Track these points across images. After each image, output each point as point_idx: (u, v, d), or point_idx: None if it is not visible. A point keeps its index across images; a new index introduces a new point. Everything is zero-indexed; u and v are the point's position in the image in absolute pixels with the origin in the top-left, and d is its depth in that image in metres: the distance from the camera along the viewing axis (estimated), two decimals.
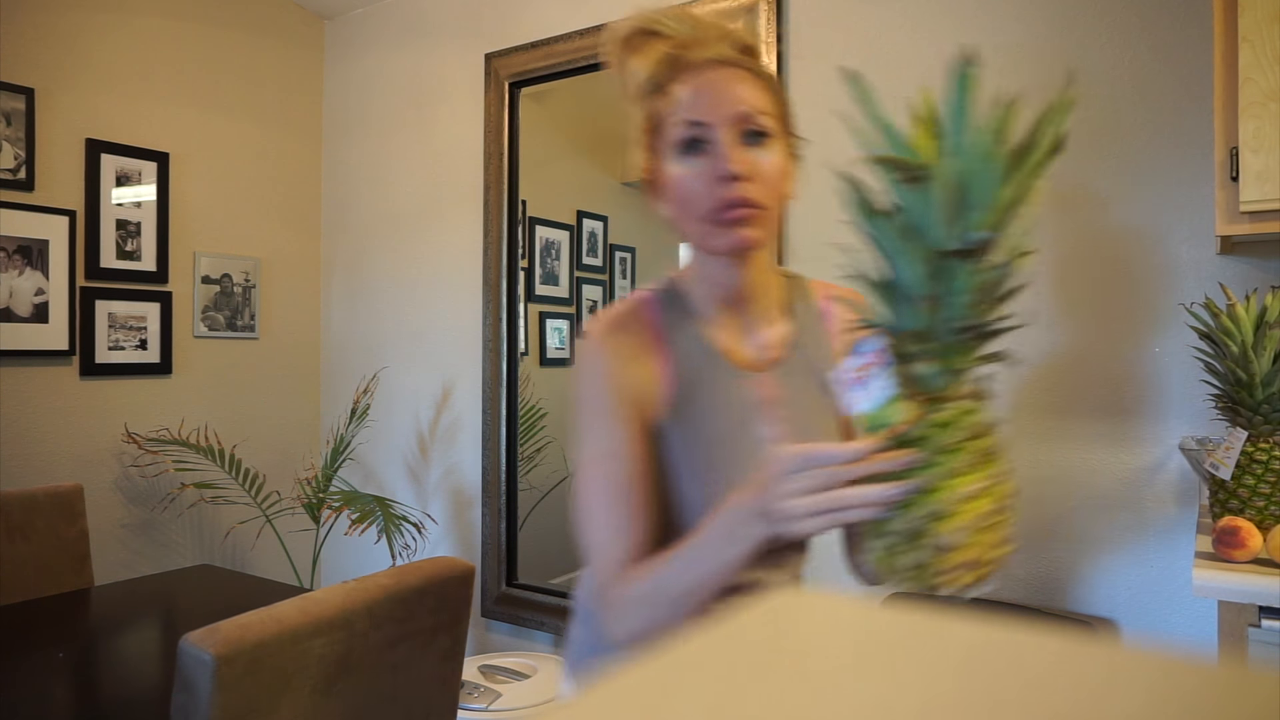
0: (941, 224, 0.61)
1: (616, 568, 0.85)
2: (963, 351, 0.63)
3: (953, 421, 0.62)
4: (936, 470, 0.61)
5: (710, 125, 0.87)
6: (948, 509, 0.61)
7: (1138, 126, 1.74)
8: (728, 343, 0.95)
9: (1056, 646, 0.20)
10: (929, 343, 0.63)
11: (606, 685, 0.19)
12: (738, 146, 0.87)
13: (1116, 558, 1.76)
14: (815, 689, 0.19)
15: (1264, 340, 1.29)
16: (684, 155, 0.88)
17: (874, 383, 0.65)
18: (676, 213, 0.91)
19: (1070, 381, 1.81)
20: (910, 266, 0.62)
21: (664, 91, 0.90)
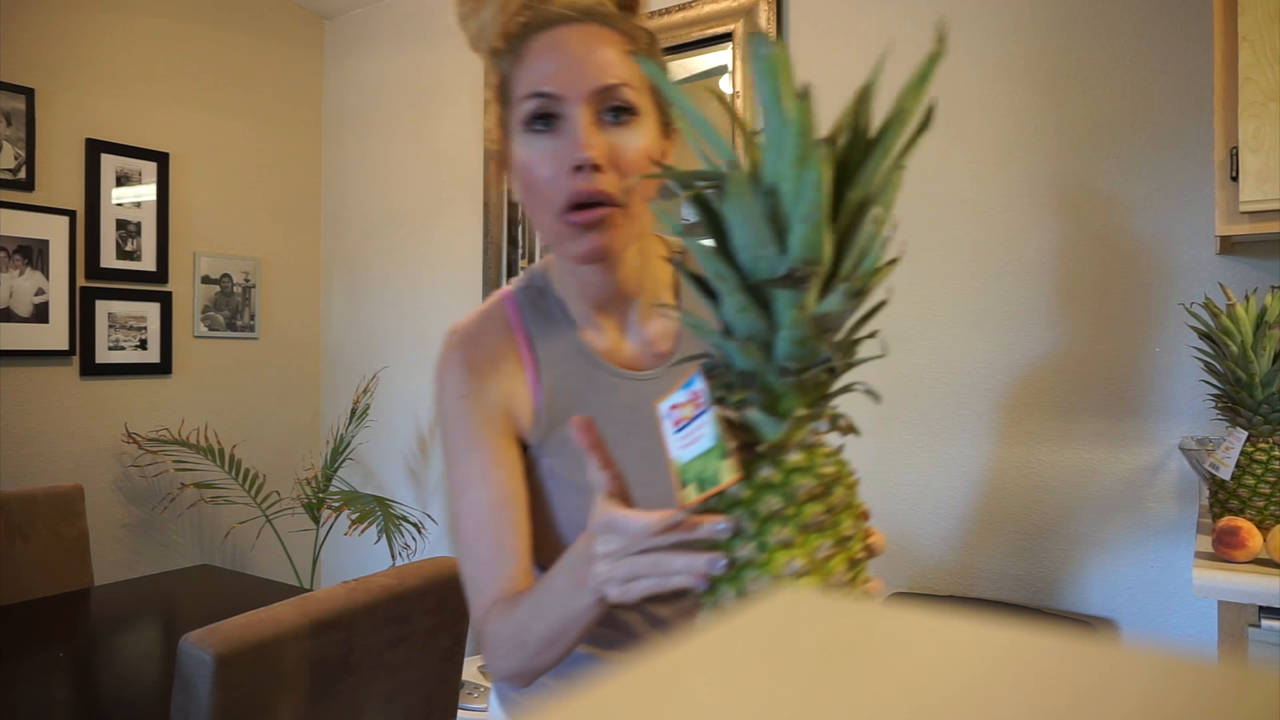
0: (754, 244, 0.49)
1: (488, 604, 0.76)
2: (798, 397, 0.52)
3: (783, 483, 0.52)
4: (761, 540, 0.52)
5: (562, 99, 0.73)
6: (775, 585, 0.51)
7: (1138, 127, 1.74)
8: (606, 342, 0.84)
9: (1056, 646, 0.20)
10: (758, 386, 0.52)
11: (605, 686, 0.19)
12: (595, 127, 0.74)
13: (1116, 558, 1.76)
14: (814, 689, 0.19)
15: (1264, 340, 1.29)
16: (532, 132, 0.75)
17: (692, 428, 0.55)
18: (525, 200, 0.78)
19: (1070, 381, 1.81)
20: (729, 298, 0.51)
21: (516, 51, 0.77)
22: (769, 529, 0.51)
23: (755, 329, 0.51)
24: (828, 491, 0.53)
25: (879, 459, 2.03)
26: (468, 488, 0.79)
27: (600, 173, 0.73)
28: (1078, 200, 1.80)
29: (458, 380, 0.81)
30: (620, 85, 0.74)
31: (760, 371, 0.52)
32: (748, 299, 0.50)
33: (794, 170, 0.48)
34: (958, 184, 1.93)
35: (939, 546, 1.95)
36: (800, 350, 0.51)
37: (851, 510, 0.54)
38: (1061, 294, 1.82)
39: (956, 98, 1.93)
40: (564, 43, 0.74)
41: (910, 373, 1.99)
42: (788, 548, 0.51)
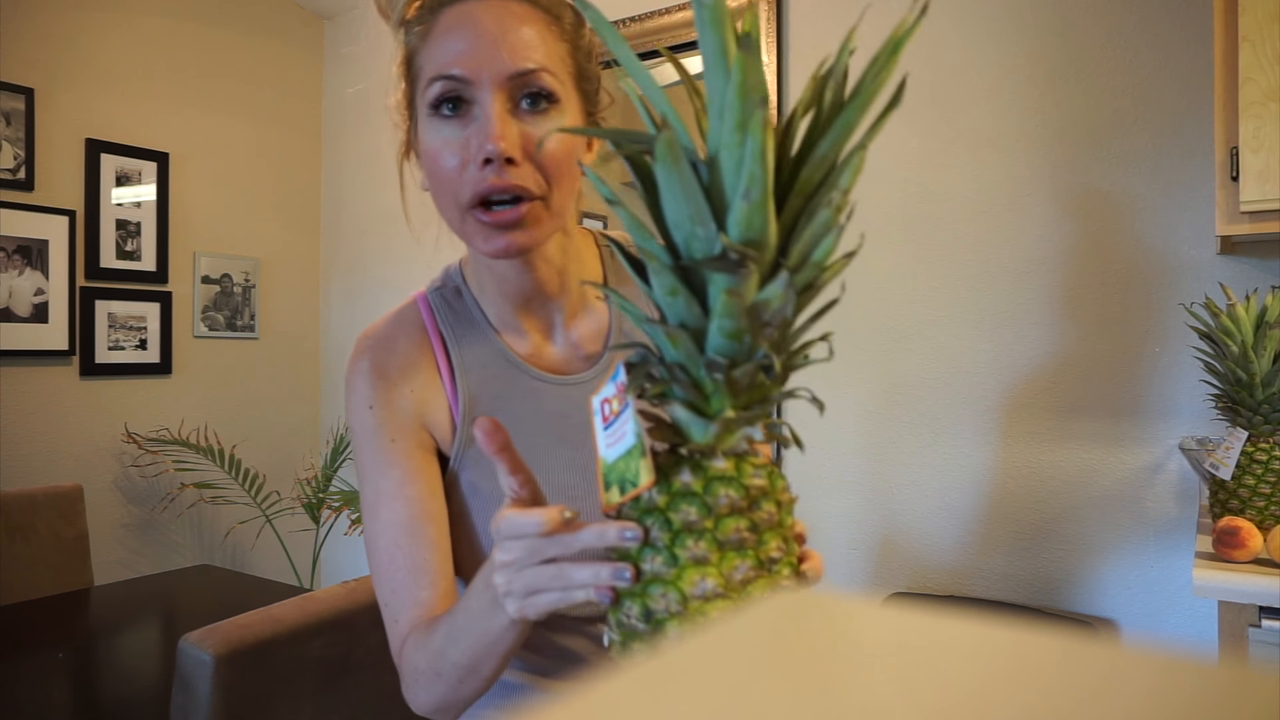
0: (689, 220, 0.43)
1: (405, 631, 0.70)
2: (728, 397, 0.46)
3: (703, 491, 0.46)
4: (672, 553, 0.46)
5: (473, 83, 0.66)
6: (674, 609, 0.46)
7: (1138, 126, 1.74)
8: (528, 346, 0.78)
9: (1057, 646, 0.20)
10: (686, 380, 0.46)
11: (604, 686, 0.19)
12: (508, 116, 0.66)
13: (1116, 558, 1.76)
14: (814, 689, 0.19)
15: (1264, 340, 1.29)
16: (440, 118, 0.68)
17: (618, 424, 0.50)
18: (433, 191, 0.72)
19: (1070, 381, 1.81)
20: (657, 277, 0.45)
21: (425, 24, 0.69)
22: (682, 541, 0.46)
23: (686, 315, 0.45)
24: (753, 506, 0.47)
25: (879, 459, 2.03)
26: (380, 506, 0.73)
27: (513, 166, 0.66)
28: (1078, 200, 1.80)
29: (366, 389, 0.74)
30: (538, 71, 0.67)
31: (689, 365, 0.46)
32: (678, 280, 0.44)
33: (735, 136, 0.42)
34: (958, 183, 1.93)
35: (939, 546, 1.95)
36: (733, 345, 0.45)
37: (780, 530, 0.48)
38: (1062, 294, 1.82)
39: (957, 97, 1.93)
40: (476, 19, 0.67)
41: (910, 372, 1.99)
42: (700, 565, 0.45)
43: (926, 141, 1.97)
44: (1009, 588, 1.87)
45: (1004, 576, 1.88)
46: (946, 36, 1.94)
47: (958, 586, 1.93)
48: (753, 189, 0.41)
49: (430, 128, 0.69)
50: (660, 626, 0.46)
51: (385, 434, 0.74)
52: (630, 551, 0.48)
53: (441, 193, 0.70)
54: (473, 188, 0.67)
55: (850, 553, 2.06)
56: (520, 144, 0.66)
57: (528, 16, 0.68)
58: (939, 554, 1.95)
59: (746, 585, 0.46)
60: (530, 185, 0.67)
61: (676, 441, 0.48)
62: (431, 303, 0.79)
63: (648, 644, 0.47)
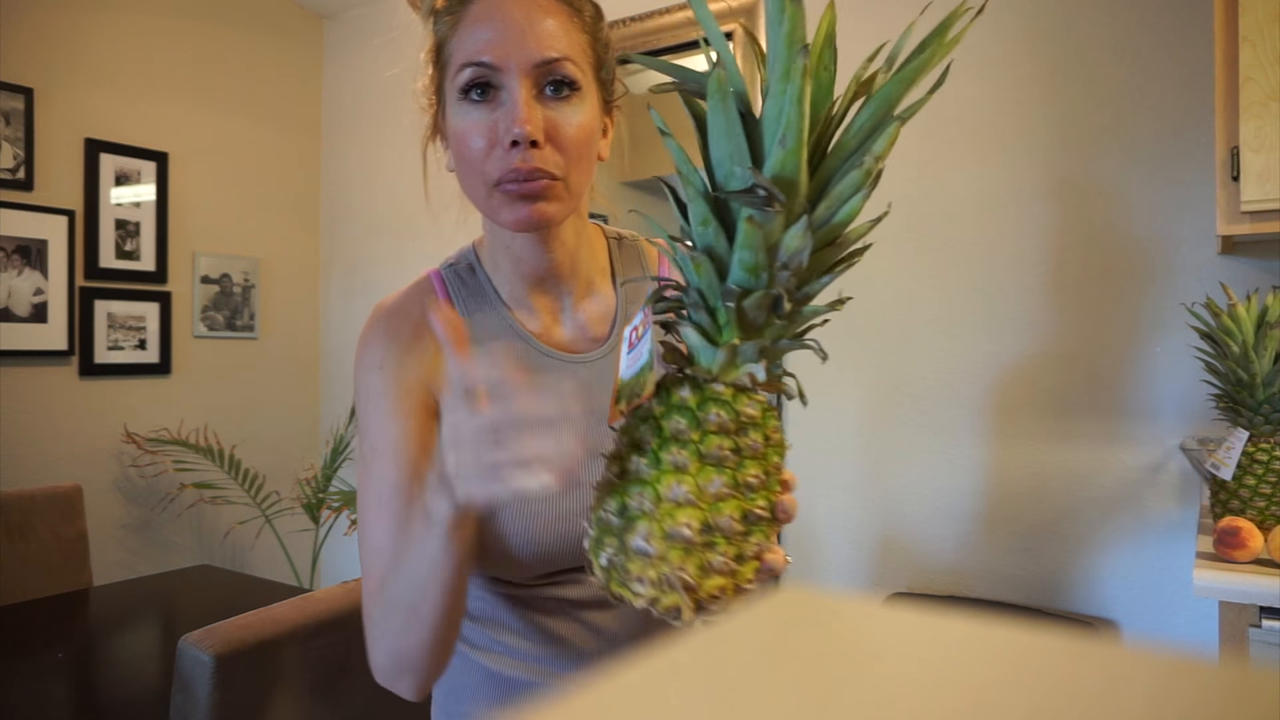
0: (730, 160, 0.47)
1: (378, 586, 0.70)
2: (736, 327, 0.49)
3: (696, 406, 0.49)
4: (657, 456, 0.49)
5: (501, 70, 0.70)
6: (647, 508, 0.48)
7: (1139, 126, 1.74)
8: (538, 324, 0.80)
9: (1056, 646, 0.20)
10: (703, 308, 0.50)
11: (604, 685, 0.19)
12: (534, 102, 0.70)
13: (1116, 558, 1.76)
14: (814, 689, 0.19)
15: (1264, 340, 1.29)
16: (469, 102, 0.72)
17: (639, 348, 0.54)
18: (459, 170, 0.75)
19: (1070, 381, 1.81)
20: (692, 204, 0.49)
21: (454, 15, 0.73)
22: (667, 448, 0.49)
23: (713, 244, 0.49)
24: (740, 431, 0.50)
25: (879, 459, 2.03)
26: (373, 463, 0.74)
27: (538, 149, 0.70)
28: (1079, 200, 1.80)
29: (377, 352, 0.77)
30: (562, 59, 0.71)
31: (708, 293, 0.50)
32: (709, 210, 0.48)
33: (780, 85, 0.45)
34: (959, 184, 1.93)
35: (939, 546, 1.95)
36: (749, 278, 0.48)
37: (762, 462, 0.51)
38: (1063, 294, 1.82)
39: (958, 98, 1.93)
40: (506, 10, 0.71)
41: (911, 373, 1.99)
42: (679, 471, 0.48)
43: (928, 143, 1.97)
44: (1009, 588, 1.87)
45: (1004, 577, 1.88)
46: None
47: (958, 587, 1.93)
48: (789, 134, 0.45)
49: (459, 111, 0.73)
50: (632, 523, 0.49)
51: (390, 394, 0.75)
52: (622, 451, 0.51)
53: (468, 172, 0.73)
54: (500, 168, 0.70)
55: (850, 553, 2.06)
56: (544, 128, 0.70)
57: (552, 9, 0.72)
58: (939, 554, 1.95)
59: (719, 501, 0.48)
60: (552, 167, 0.71)
61: (685, 366, 0.52)
62: (444, 276, 0.83)
63: (619, 539, 0.49)
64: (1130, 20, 1.75)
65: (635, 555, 0.48)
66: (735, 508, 0.49)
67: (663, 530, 0.48)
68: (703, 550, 0.48)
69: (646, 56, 0.52)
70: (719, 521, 0.48)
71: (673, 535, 0.48)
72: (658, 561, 0.48)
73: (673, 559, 0.48)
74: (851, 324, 2.05)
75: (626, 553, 0.49)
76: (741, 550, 0.50)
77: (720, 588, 0.49)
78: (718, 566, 0.49)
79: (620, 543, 0.49)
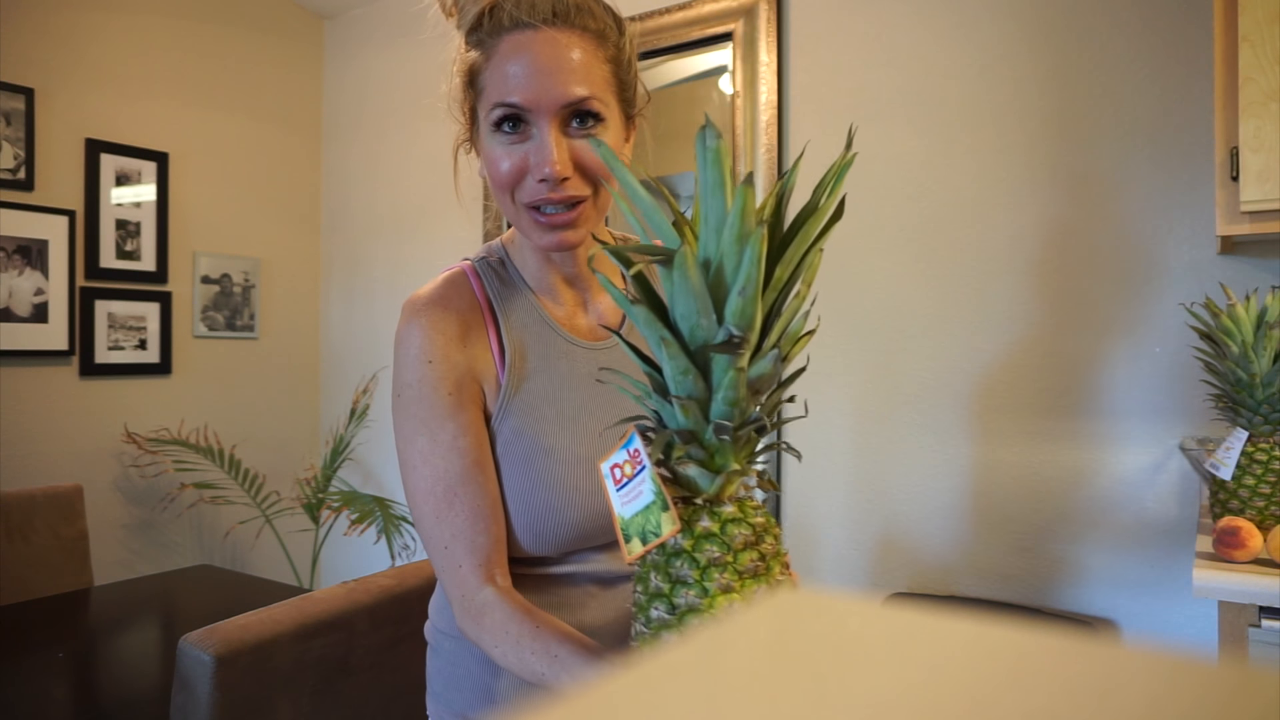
0: (694, 314, 0.54)
1: (473, 583, 0.77)
2: (731, 453, 0.57)
3: (720, 532, 0.56)
4: (703, 586, 0.55)
5: (531, 110, 0.76)
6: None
7: (1138, 126, 1.74)
8: (564, 313, 0.87)
9: (1056, 646, 0.20)
10: (695, 444, 0.57)
11: (603, 686, 0.19)
12: (562, 139, 0.77)
13: (1116, 558, 1.76)
14: (814, 689, 0.19)
15: (1264, 340, 1.29)
16: (501, 133, 0.78)
17: (635, 483, 0.59)
18: (493, 187, 0.81)
19: (1070, 381, 1.81)
20: (669, 361, 0.55)
21: (486, 49, 0.78)
22: (710, 575, 0.55)
23: (694, 391, 0.55)
24: (759, 540, 0.57)
25: (879, 459, 2.03)
26: (435, 456, 0.78)
27: (567, 182, 0.77)
28: (1078, 200, 1.80)
29: (425, 344, 0.80)
30: (587, 99, 0.77)
31: (698, 430, 0.56)
32: (689, 363, 0.55)
33: (736, 247, 0.52)
34: (958, 185, 1.93)
35: (939, 546, 1.95)
36: (733, 410, 0.55)
37: (780, 558, 0.58)
38: (1062, 294, 1.82)
39: (958, 99, 1.93)
40: (535, 52, 0.76)
41: (911, 373, 1.99)
42: (728, 592, 0.55)
43: (927, 142, 1.97)
44: (1009, 588, 1.87)
45: (1004, 576, 1.88)
46: (947, 36, 1.94)
47: (958, 586, 1.93)
48: (748, 286, 0.52)
49: (493, 140, 0.79)
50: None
51: (445, 387, 0.79)
52: (663, 591, 0.57)
53: (501, 192, 0.80)
54: (530, 195, 0.78)
55: (850, 553, 2.06)
56: (570, 161, 0.77)
57: (578, 43, 0.77)
58: (939, 554, 1.95)
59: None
60: (579, 191, 0.78)
61: (683, 495, 0.59)
62: (478, 269, 0.87)
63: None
64: (1130, 20, 1.75)
65: None
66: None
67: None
68: None
69: (611, 247, 0.57)
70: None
71: None
72: None
73: None
74: (850, 325, 2.05)
75: None
76: None
77: None
78: None
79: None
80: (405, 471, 0.81)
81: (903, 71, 2.00)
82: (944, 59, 1.95)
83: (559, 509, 0.80)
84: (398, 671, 1.26)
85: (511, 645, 0.73)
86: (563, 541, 0.81)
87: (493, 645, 0.75)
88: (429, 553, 0.80)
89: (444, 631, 0.90)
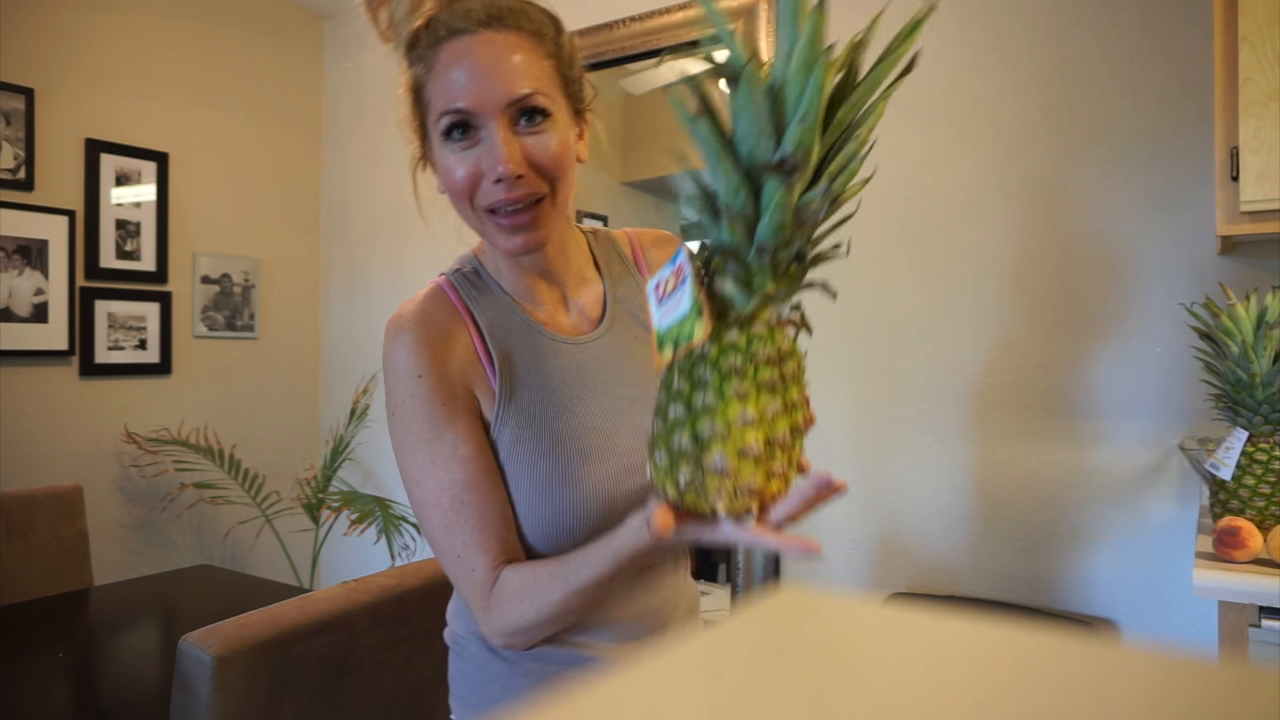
0: (755, 135, 0.56)
1: (487, 585, 0.78)
2: (770, 276, 0.59)
3: (744, 346, 0.59)
4: (721, 390, 0.59)
5: (477, 114, 0.77)
6: (719, 432, 0.58)
7: (1138, 126, 1.74)
8: (544, 313, 0.88)
9: (1056, 646, 0.20)
10: (736, 261, 0.59)
11: (604, 686, 0.19)
12: (512, 138, 0.77)
13: (1116, 558, 1.76)
14: (814, 689, 0.19)
15: (1264, 340, 1.29)
16: (451, 141, 0.79)
17: (676, 296, 0.62)
18: (451, 198, 0.82)
19: (1070, 381, 1.81)
20: (724, 177, 0.58)
21: (426, 61, 0.79)
22: (729, 381, 0.59)
23: (744, 209, 0.58)
24: (782, 360, 0.60)
25: (879, 459, 2.03)
26: (437, 468, 0.79)
27: (522, 179, 0.77)
28: (1079, 200, 1.80)
29: (414, 359, 0.80)
30: (531, 94, 0.77)
31: (740, 248, 0.59)
32: (741, 180, 0.57)
33: (800, 74, 0.54)
34: (958, 184, 1.93)
35: (939, 546, 1.95)
36: (778, 235, 0.57)
37: (799, 384, 0.62)
38: (1062, 293, 1.82)
39: (957, 98, 1.93)
40: (474, 55, 0.77)
41: (911, 372, 1.99)
42: (742, 399, 0.58)
43: (926, 141, 1.97)
44: (1009, 588, 1.87)
45: (1004, 577, 1.88)
46: (948, 36, 1.94)
47: (958, 587, 1.93)
48: (808, 115, 0.54)
49: (444, 150, 0.80)
50: (706, 447, 0.59)
51: (438, 399, 0.80)
52: (683, 392, 0.60)
53: (459, 201, 0.81)
54: (488, 198, 0.78)
55: (850, 553, 2.06)
56: (523, 159, 0.77)
57: (516, 44, 0.78)
58: (939, 554, 1.95)
59: (775, 420, 0.59)
60: (537, 188, 0.78)
61: (721, 310, 0.61)
62: (454, 282, 0.88)
63: (695, 462, 0.60)
64: (1130, 20, 1.75)
65: (712, 473, 0.59)
66: (786, 424, 0.60)
67: (736, 449, 0.58)
68: (767, 461, 0.59)
69: (680, 46, 0.59)
70: (776, 437, 0.59)
71: (744, 453, 0.58)
72: (733, 475, 0.59)
73: (744, 472, 0.58)
74: (850, 324, 2.05)
75: (704, 471, 0.59)
76: (791, 457, 0.61)
77: (779, 490, 0.61)
78: (778, 473, 0.60)
79: (697, 464, 0.59)
80: (409, 487, 0.81)
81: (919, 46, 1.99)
82: (944, 58, 1.95)
83: (570, 506, 0.80)
84: (398, 671, 1.26)
85: (534, 593, 0.75)
86: (578, 537, 0.81)
87: (518, 614, 0.76)
88: (444, 566, 0.81)
89: (465, 635, 0.90)
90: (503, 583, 0.78)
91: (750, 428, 0.58)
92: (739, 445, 0.58)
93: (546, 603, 0.75)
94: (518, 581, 0.77)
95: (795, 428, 0.61)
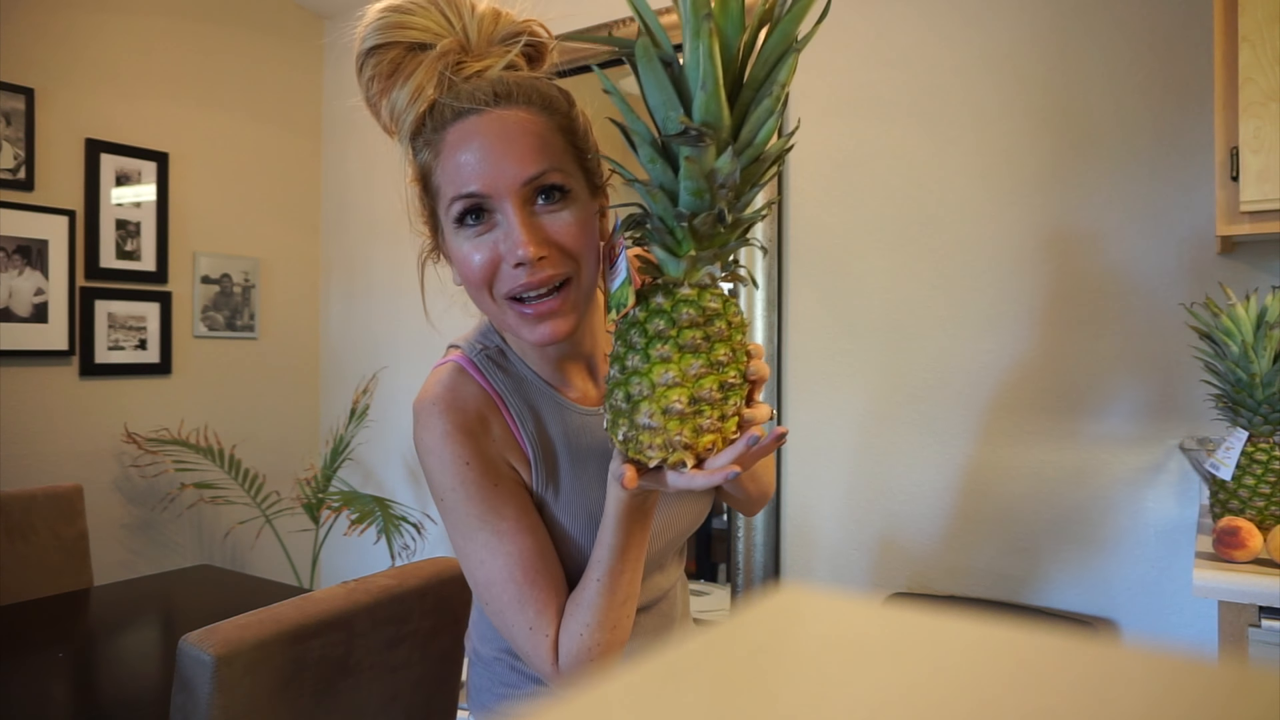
0: (664, 107, 0.58)
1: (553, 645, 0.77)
2: (693, 241, 0.61)
3: (669, 310, 0.62)
4: (646, 353, 0.62)
5: (491, 196, 0.73)
6: (645, 393, 0.62)
7: (1138, 126, 1.74)
8: (576, 391, 0.85)
9: (1056, 646, 0.20)
10: (664, 229, 0.62)
11: (604, 686, 0.19)
12: (529, 219, 0.72)
13: (1116, 558, 1.76)
14: (814, 689, 0.19)
15: (1264, 340, 1.29)
16: (466, 227, 0.74)
17: (617, 265, 0.66)
18: (468, 288, 0.78)
19: (1070, 381, 1.81)
20: (641, 148, 0.60)
21: (433, 146, 0.76)
22: (653, 345, 0.62)
23: (663, 179, 0.61)
24: (708, 321, 0.63)
25: (879, 459, 2.03)
26: (504, 544, 0.77)
27: (544, 261, 0.72)
28: (1078, 200, 1.80)
29: (457, 449, 0.78)
30: (546, 172, 0.72)
31: (665, 216, 0.62)
32: (654, 151, 0.60)
33: (692, 43, 0.56)
34: (958, 185, 1.93)
35: (938, 546, 1.95)
36: (697, 201, 0.60)
37: (729, 342, 0.63)
38: (1062, 294, 1.82)
39: (960, 99, 1.93)
40: (482, 135, 0.73)
41: (911, 373, 1.99)
42: (665, 362, 0.62)
43: (926, 141, 1.97)
44: (1009, 587, 1.87)
45: (1004, 576, 1.88)
46: (949, 36, 1.94)
47: (958, 586, 1.93)
48: (706, 81, 0.56)
49: (458, 237, 0.76)
50: (637, 406, 0.63)
51: (488, 481, 0.78)
52: (620, 355, 0.64)
53: (478, 291, 0.76)
54: (509, 284, 0.74)
55: (850, 553, 2.06)
56: (544, 239, 0.73)
57: (527, 120, 0.73)
58: (939, 554, 1.95)
59: (699, 379, 0.62)
60: (559, 269, 0.74)
61: (657, 275, 0.65)
62: (478, 364, 0.84)
63: (630, 419, 0.63)
64: (1131, 20, 1.75)
65: (644, 429, 0.62)
66: (712, 381, 0.62)
67: (660, 408, 0.62)
68: (694, 417, 0.62)
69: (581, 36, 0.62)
70: (701, 394, 0.62)
71: (669, 411, 0.62)
72: (661, 431, 0.62)
73: (671, 428, 0.62)
74: (850, 324, 2.05)
75: (637, 428, 0.63)
76: (723, 411, 0.63)
77: (711, 442, 0.63)
78: (707, 427, 0.63)
79: (631, 421, 0.63)
80: (471, 567, 0.79)
81: (904, 70, 2.00)
82: (945, 58, 1.95)
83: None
84: (398, 671, 1.26)
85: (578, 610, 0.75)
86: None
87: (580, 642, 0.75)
88: (507, 636, 0.79)
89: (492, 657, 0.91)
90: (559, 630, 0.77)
91: (674, 388, 0.61)
92: (663, 404, 0.62)
93: (591, 609, 0.74)
94: (564, 616, 0.77)
95: (725, 383, 0.63)
